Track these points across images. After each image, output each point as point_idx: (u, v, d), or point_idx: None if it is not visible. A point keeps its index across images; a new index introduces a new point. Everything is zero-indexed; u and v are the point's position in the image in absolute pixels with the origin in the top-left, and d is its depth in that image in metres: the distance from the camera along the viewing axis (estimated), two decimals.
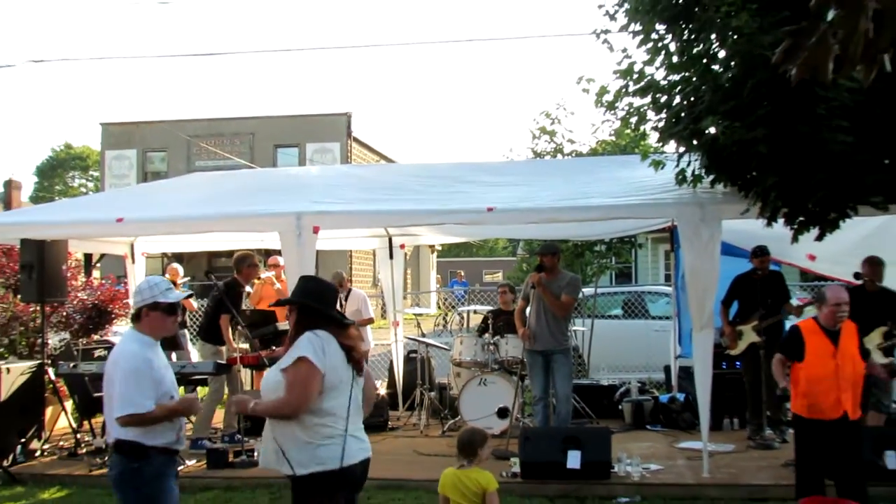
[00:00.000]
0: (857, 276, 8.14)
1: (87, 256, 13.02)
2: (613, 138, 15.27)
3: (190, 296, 7.58)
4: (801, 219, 7.12)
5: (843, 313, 6.32)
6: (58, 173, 71.12)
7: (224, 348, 9.58)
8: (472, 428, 6.08)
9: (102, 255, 13.22)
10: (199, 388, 9.37)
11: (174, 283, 11.14)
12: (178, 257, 27.17)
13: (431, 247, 43.07)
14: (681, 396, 10.51)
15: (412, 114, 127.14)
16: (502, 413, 9.37)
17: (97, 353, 9.99)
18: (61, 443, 9.67)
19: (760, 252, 9.25)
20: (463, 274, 37.25)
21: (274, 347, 9.54)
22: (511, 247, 67.98)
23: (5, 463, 8.66)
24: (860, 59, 2.27)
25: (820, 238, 7.21)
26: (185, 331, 10.20)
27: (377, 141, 36.87)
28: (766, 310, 9.04)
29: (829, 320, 6.33)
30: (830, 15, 2.26)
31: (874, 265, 8.59)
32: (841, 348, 6.29)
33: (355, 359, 4.44)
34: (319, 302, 4.46)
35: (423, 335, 11.37)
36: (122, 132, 34.17)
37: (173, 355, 10.27)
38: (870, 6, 2.17)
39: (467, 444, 5.76)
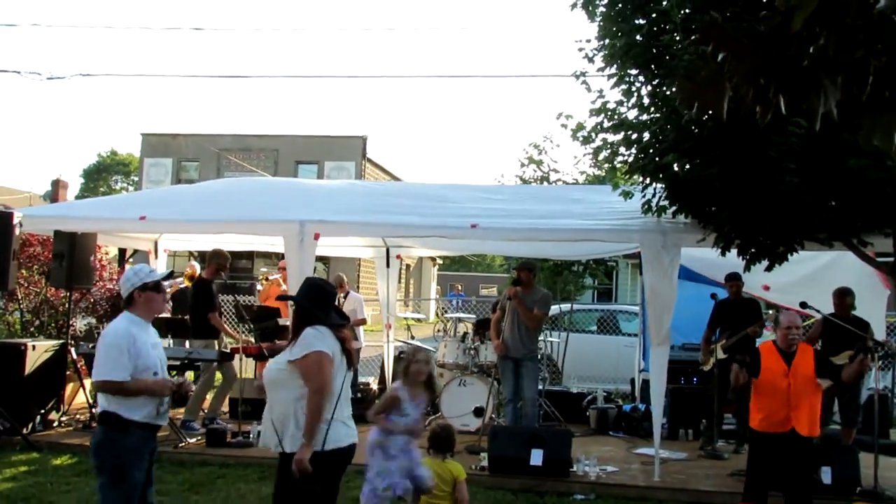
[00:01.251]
0: (803, 305, 8.12)
1: (122, 251, 13.07)
2: (594, 170, 15.32)
3: (170, 274, 7.59)
4: (753, 250, 7.13)
5: (793, 336, 6.32)
6: (102, 177, 71.43)
7: (214, 342, 9.57)
8: (444, 425, 6.08)
9: (136, 251, 13.25)
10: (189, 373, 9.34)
11: (193, 277, 11.24)
12: (201, 256, 27.18)
13: (433, 260, 43.12)
14: (642, 407, 10.47)
15: (421, 139, 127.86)
16: (478, 412, 9.37)
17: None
18: (78, 416, 9.66)
19: (731, 278, 9.23)
20: (460, 287, 37.33)
21: (276, 341, 9.56)
22: (507, 264, 68.23)
23: (25, 431, 8.67)
24: (753, 101, 2.29)
25: (769, 269, 7.23)
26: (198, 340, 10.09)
27: (389, 162, 37.03)
28: (733, 331, 9.01)
29: (783, 342, 6.34)
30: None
31: (843, 296, 8.54)
32: (794, 368, 6.27)
33: (348, 351, 4.51)
34: (313, 304, 4.52)
35: (413, 338, 11.37)
36: (160, 142, 34.32)
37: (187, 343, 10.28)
38: (754, 54, 2.20)
39: (446, 440, 5.81)
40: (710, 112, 2.23)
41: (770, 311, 8.93)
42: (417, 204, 9.17)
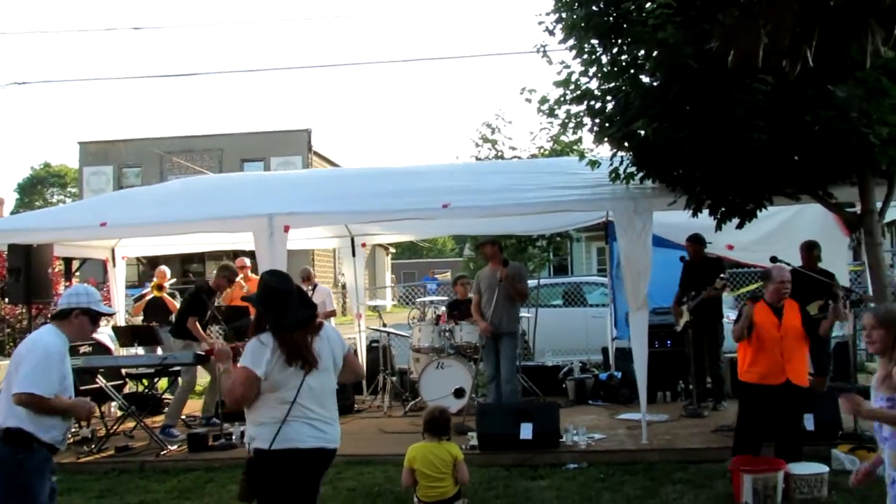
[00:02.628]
0: (773, 259, 8.24)
1: (68, 263, 12.73)
2: (551, 144, 15.32)
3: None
4: (724, 209, 7.21)
5: (786, 290, 6.48)
6: (38, 190, 69.67)
7: (194, 343, 9.44)
8: (441, 407, 6.07)
9: (83, 262, 12.92)
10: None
11: (161, 286, 11.04)
12: (153, 262, 26.69)
13: (386, 249, 43.00)
14: (618, 374, 10.57)
15: (367, 128, 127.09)
16: (459, 393, 9.34)
17: (82, 349, 9.74)
18: None
19: (689, 240, 9.36)
20: (434, 272, 37.32)
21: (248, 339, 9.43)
22: (458, 248, 68.30)
23: None
24: (787, 51, 2.26)
25: (740, 226, 7.32)
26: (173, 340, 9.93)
27: (336, 153, 36.74)
28: (696, 292, 9.12)
29: (775, 296, 6.48)
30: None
31: (811, 248, 8.71)
32: (784, 322, 6.43)
33: (302, 357, 4.20)
34: (264, 306, 4.30)
35: (385, 325, 11.31)
36: (99, 150, 33.60)
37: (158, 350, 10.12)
38: (795, 2, 2.18)
39: (444, 422, 5.80)
40: (742, 58, 2.21)
41: (720, 277, 9.02)
42: (384, 188, 9.09)
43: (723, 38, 2.23)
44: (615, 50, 7.34)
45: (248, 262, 11.15)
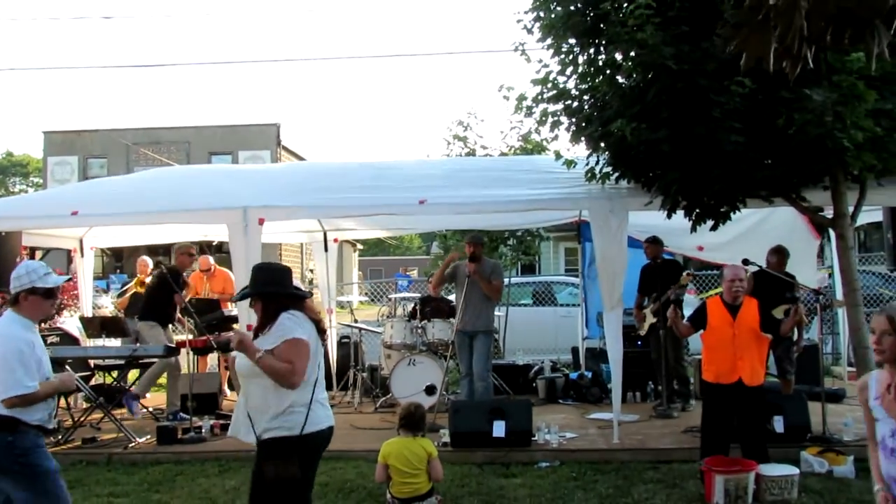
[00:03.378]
0: (745, 262, 8.34)
1: (31, 253, 12.53)
2: (522, 143, 15.32)
3: (68, 280, 7.40)
4: (698, 211, 7.27)
5: (737, 288, 6.56)
6: (0, 179, 68.50)
7: (161, 329, 9.40)
8: (416, 404, 6.06)
9: (47, 252, 12.71)
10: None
11: (143, 282, 10.88)
12: (118, 253, 26.33)
13: (353, 245, 42.81)
14: (588, 374, 10.62)
15: (336, 124, 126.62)
16: (430, 390, 9.31)
17: (49, 339, 9.60)
18: None
19: (646, 241, 9.47)
20: (406, 269, 37.21)
21: (219, 333, 9.36)
22: (425, 246, 68.30)
23: None
24: (792, 55, 2.26)
25: (714, 228, 7.39)
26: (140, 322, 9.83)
27: (305, 149, 36.54)
28: (659, 294, 9.18)
29: (728, 294, 6.57)
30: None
31: (779, 254, 8.82)
32: (739, 320, 6.50)
33: (322, 329, 4.40)
34: (277, 285, 4.36)
35: (356, 321, 11.24)
36: (64, 140, 33.07)
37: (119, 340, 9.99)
38: (802, 5, 2.18)
39: (420, 418, 5.81)
40: (755, 59, 2.20)
41: (686, 273, 9.13)
42: (361, 183, 9.03)
43: (735, 42, 2.21)
44: (592, 50, 7.38)
45: (211, 260, 11.17)
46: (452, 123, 16.04)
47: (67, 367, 8.63)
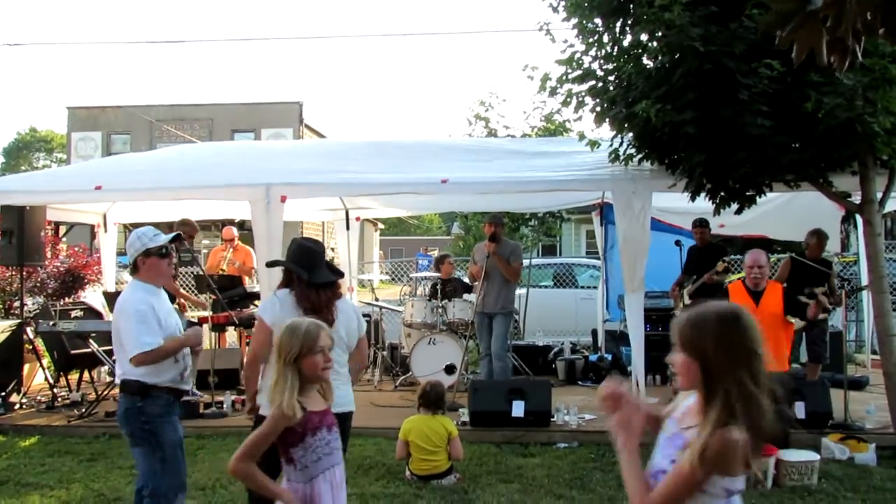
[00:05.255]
0: (770, 248, 8.31)
1: (56, 226, 12.63)
2: (544, 123, 15.26)
3: (178, 237, 7.36)
4: (723, 194, 7.21)
5: (756, 275, 6.47)
6: (23, 155, 69.03)
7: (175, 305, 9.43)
8: (436, 382, 6.09)
9: (71, 227, 12.79)
10: None
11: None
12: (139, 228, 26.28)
13: (374, 224, 42.87)
14: (608, 356, 10.61)
15: (359, 102, 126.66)
16: (449, 369, 9.32)
17: (73, 313, 9.69)
18: (39, 397, 9.35)
19: (695, 224, 9.36)
20: (427, 248, 37.18)
21: (241, 309, 9.40)
22: (445, 227, 68.28)
23: None
24: (849, 46, 2.18)
25: (739, 212, 7.33)
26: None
27: (327, 127, 36.55)
28: (697, 277, 9.13)
29: (748, 280, 6.50)
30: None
31: (818, 236, 8.72)
32: (761, 306, 6.43)
33: (321, 312, 4.33)
34: (298, 263, 4.46)
35: (377, 299, 11.27)
36: (88, 115, 33.29)
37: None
38: None
39: (440, 396, 5.83)
40: (805, 52, 2.14)
41: (721, 261, 9.02)
42: (383, 161, 9.05)
43: (773, 26, 2.15)
44: (618, 30, 7.32)
45: (235, 231, 11.09)
46: (474, 103, 16.00)
47: (91, 340, 8.72)
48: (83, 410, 8.48)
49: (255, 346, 4.43)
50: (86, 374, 9.84)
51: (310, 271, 4.43)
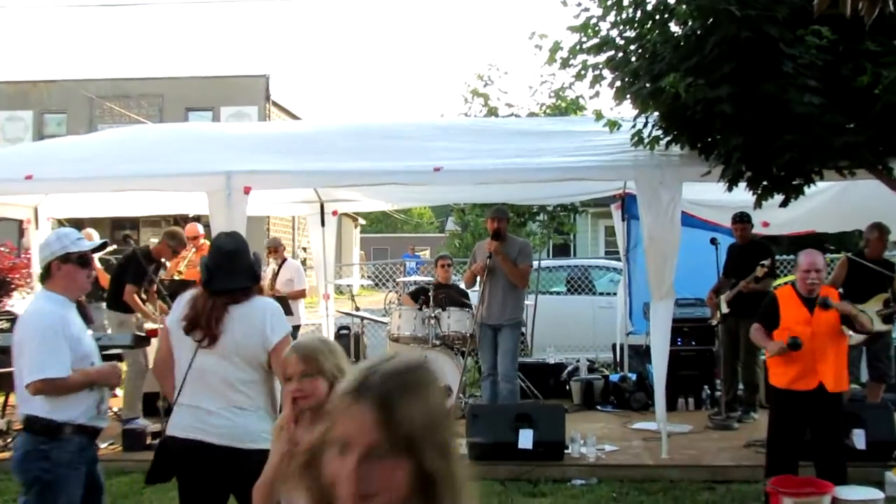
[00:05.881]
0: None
1: None
2: (554, 100, 15.23)
3: (104, 245, 7.33)
4: (765, 183, 7.23)
5: (813, 280, 6.43)
6: None
7: (133, 317, 9.43)
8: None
9: None
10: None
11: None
12: (78, 225, 26.30)
13: (354, 220, 42.83)
14: (632, 375, 10.64)
15: (336, 77, 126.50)
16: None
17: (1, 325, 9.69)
18: None
19: (735, 219, 9.36)
20: (414, 248, 37.09)
21: None
22: (438, 222, 68.25)
23: None
24: None
25: (785, 204, 7.34)
26: (102, 304, 9.92)
27: (298, 105, 36.50)
28: (738, 281, 9.14)
29: (802, 286, 6.47)
30: None
31: (879, 231, 8.73)
32: (817, 316, 6.40)
33: (198, 324, 4.32)
34: (206, 265, 4.50)
35: (357, 309, 11.28)
36: (17, 92, 33.17)
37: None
38: None
39: None
40: (828, 4, 2.15)
41: (760, 264, 9.01)
42: (365, 146, 9.06)
43: None
44: None
45: (201, 229, 11.08)
46: (471, 77, 15.96)
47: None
48: (9, 441, 8.46)
49: (158, 355, 4.63)
50: (12, 398, 9.82)
51: (210, 274, 4.43)
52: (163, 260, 9.98)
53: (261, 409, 4.40)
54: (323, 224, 11.61)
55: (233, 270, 4.42)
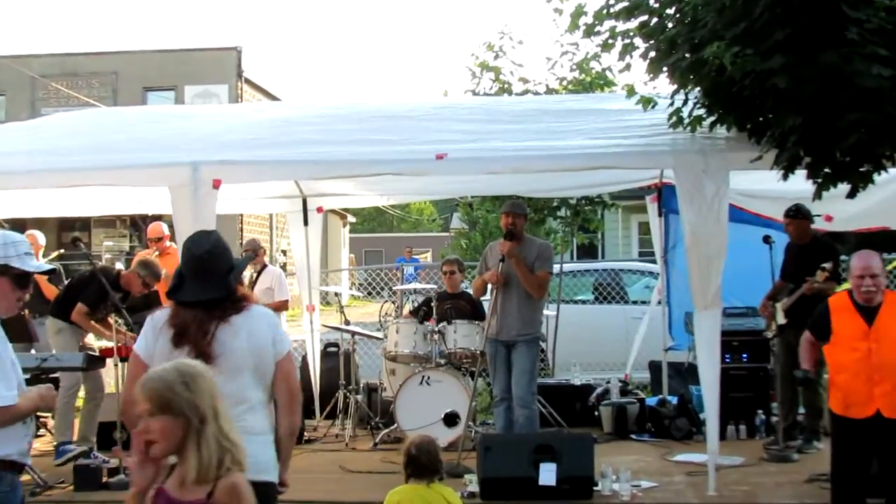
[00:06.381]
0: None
1: None
2: (577, 74, 15.21)
3: (52, 271, 7.32)
4: (827, 170, 7.21)
5: (868, 287, 6.32)
6: None
7: (78, 331, 9.49)
8: (429, 439, 6.07)
9: None
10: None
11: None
12: (19, 226, 26.48)
13: (343, 218, 42.91)
14: (672, 399, 10.62)
15: (321, 50, 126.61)
16: (450, 420, 9.34)
17: None
18: None
19: (788, 213, 9.31)
20: (411, 250, 36.94)
21: None
22: (442, 220, 68.22)
23: None
24: None
25: (852, 195, 7.32)
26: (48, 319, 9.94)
27: (276, 84, 36.58)
28: (797, 286, 9.10)
29: (857, 294, 6.40)
30: None
31: None
32: (877, 328, 6.32)
33: (191, 342, 4.36)
34: (177, 272, 4.55)
35: (348, 322, 11.27)
36: None
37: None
38: None
39: (434, 458, 5.81)
40: None
41: (820, 268, 8.94)
42: (355, 130, 9.07)
43: None
44: None
45: (165, 229, 11.10)
46: (480, 48, 15.93)
47: None
48: None
49: (126, 383, 4.59)
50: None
51: (179, 282, 4.49)
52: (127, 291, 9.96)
53: (268, 432, 4.49)
54: (306, 223, 11.62)
55: (209, 276, 4.46)
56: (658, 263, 12.21)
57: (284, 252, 29.61)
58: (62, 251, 14.05)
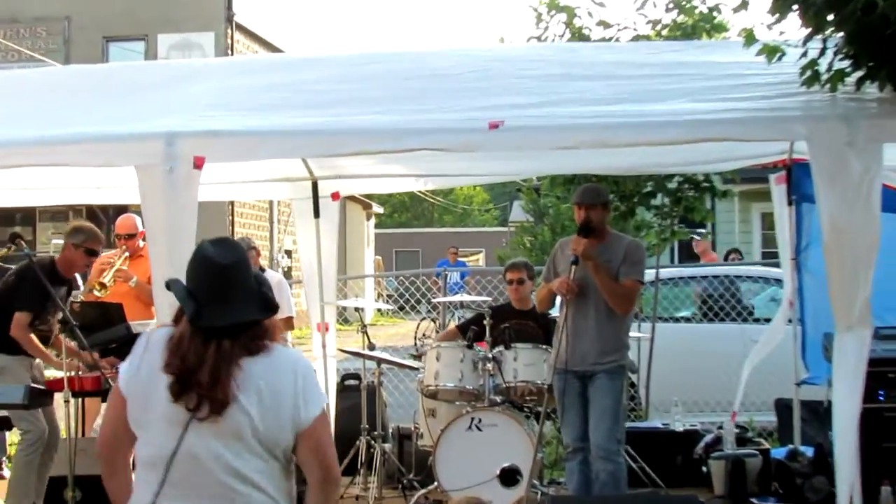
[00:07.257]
0: None
1: None
2: (675, 16, 15.15)
3: None
4: None
5: None
6: None
7: (23, 361, 9.58)
8: (475, 501, 6.12)
9: None
10: None
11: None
12: None
13: (367, 207, 43.01)
14: (807, 450, 10.54)
15: None
16: (509, 477, 9.34)
17: None
18: None
19: None
20: (457, 251, 37.02)
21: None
22: (497, 210, 68.25)
23: None
24: None
25: None
26: None
27: (276, 31, 36.75)
28: None
29: None
30: None
31: None
32: None
33: (185, 380, 4.30)
34: (187, 287, 4.53)
35: (373, 347, 11.30)
36: None
37: None
38: None
39: None
40: None
41: None
42: (379, 90, 9.08)
43: None
44: None
45: (139, 223, 11.13)
46: None
47: None
48: None
49: (103, 430, 4.65)
50: None
51: (199, 302, 4.42)
52: (76, 276, 10.02)
53: None
54: (317, 214, 11.59)
55: (237, 296, 4.45)
56: (786, 268, 12.13)
57: (289, 253, 29.83)
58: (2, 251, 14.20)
